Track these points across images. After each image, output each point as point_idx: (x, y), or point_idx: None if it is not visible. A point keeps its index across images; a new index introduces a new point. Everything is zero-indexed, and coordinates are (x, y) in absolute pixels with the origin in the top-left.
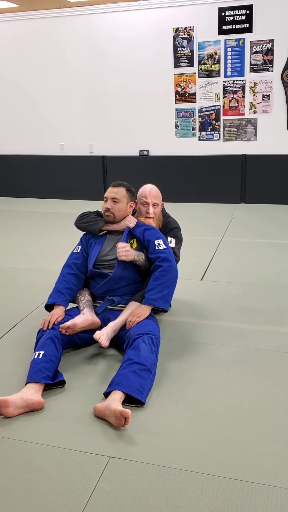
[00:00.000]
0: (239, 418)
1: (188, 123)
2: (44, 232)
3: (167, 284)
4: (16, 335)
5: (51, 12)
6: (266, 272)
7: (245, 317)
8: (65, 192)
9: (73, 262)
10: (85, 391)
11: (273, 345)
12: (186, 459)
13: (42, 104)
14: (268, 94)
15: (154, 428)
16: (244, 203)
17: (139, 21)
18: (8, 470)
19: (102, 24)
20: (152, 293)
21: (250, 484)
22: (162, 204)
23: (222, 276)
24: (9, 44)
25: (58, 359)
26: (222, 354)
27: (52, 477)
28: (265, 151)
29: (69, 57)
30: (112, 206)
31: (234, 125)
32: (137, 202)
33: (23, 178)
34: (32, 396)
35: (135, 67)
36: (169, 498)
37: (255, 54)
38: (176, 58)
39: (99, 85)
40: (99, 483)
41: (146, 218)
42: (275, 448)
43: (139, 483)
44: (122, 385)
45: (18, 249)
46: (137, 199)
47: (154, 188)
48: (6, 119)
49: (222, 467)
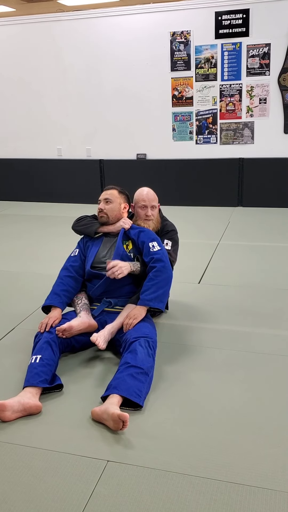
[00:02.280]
0: (237, 422)
1: (185, 127)
2: (41, 235)
3: (161, 284)
4: (14, 339)
5: (48, 16)
6: (264, 275)
7: (243, 320)
8: (62, 196)
9: (70, 264)
10: (82, 394)
11: (270, 348)
12: (184, 462)
13: (39, 107)
14: (265, 97)
15: (152, 432)
16: (241, 207)
17: (136, 25)
18: (6, 475)
19: (99, 28)
20: (147, 293)
21: (248, 488)
22: (159, 206)
23: (219, 280)
24: (6, 48)
25: (55, 362)
26: (220, 357)
27: (50, 482)
28: (262, 154)
29: (66, 61)
30: (105, 206)
31: (231, 128)
32: (134, 205)
33: (20, 182)
34: (30, 400)
35: (132, 71)
36: (167, 502)
37: (252, 58)
38: (173, 62)
39: (97, 89)
40: (97, 487)
41: (145, 221)
42: (274, 451)
43: (137, 487)
44: (119, 388)
45: (15, 252)
46: (134, 203)
47: (151, 191)
48: (3, 123)
49: (220, 471)
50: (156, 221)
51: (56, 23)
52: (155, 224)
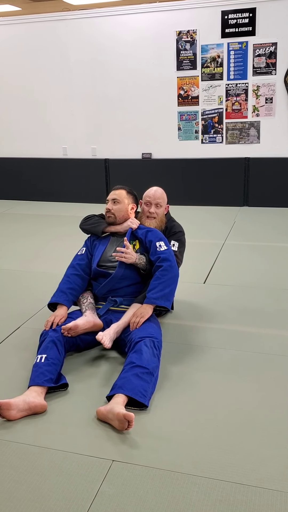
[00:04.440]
0: (242, 422)
1: (191, 126)
2: (47, 235)
3: (168, 283)
4: (19, 338)
5: (53, 16)
6: (269, 276)
7: (248, 321)
8: (67, 195)
9: (77, 263)
10: (87, 394)
11: (276, 348)
12: (189, 463)
13: (44, 107)
14: (271, 97)
15: (157, 432)
16: (247, 206)
17: (142, 24)
18: (11, 473)
19: (105, 27)
20: (153, 292)
21: (253, 489)
22: (167, 207)
23: (224, 280)
24: (11, 47)
25: (60, 362)
26: (225, 357)
27: (55, 481)
28: (268, 154)
29: (72, 60)
30: (113, 206)
31: (237, 128)
32: (142, 202)
33: (25, 181)
34: (35, 399)
35: (138, 70)
36: (172, 502)
37: (258, 57)
38: (179, 61)
39: (102, 88)
40: (102, 486)
41: (148, 218)
42: (279, 452)
43: (142, 487)
44: (125, 388)
45: (21, 251)
46: (142, 199)
47: (160, 191)
48: (9, 122)
49: (225, 471)
50: (160, 221)
51: (62, 22)
52: (158, 223)
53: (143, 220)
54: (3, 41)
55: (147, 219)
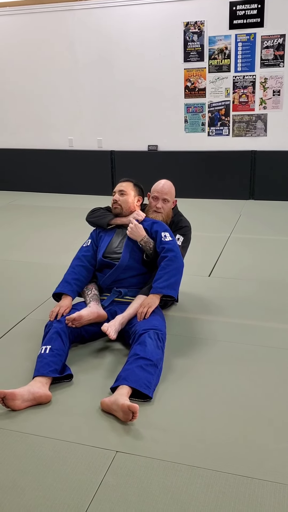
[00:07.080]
0: (247, 415)
1: (198, 118)
2: (52, 226)
3: (173, 273)
4: (24, 329)
5: (60, 6)
6: (274, 269)
7: (253, 314)
8: (73, 187)
9: (82, 254)
10: (92, 385)
11: (281, 342)
12: (193, 454)
13: (50, 98)
14: (279, 89)
15: (161, 423)
16: (253, 200)
17: (149, 15)
18: (15, 463)
19: (111, 18)
20: (159, 282)
21: (257, 481)
22: (175, 201)
23: (230, 273)
24: (17, 38)
25: (65, 353)
26: (229, 350)
27: (59, 471)
28: (275, 147)
29: (78, 51)
30: (119, 198)
31: (243, 120)
32: (150, 195)
33: (31, 172)
34: (39, 389)
35: (144, 61)
36: (175, 494)
37: (266, 49)
38: (186, 52)
39: (108, 79)
40: (106, 477)
41: (154, 212)
42: (283, 445)
43: (145, 478)
44: (129, 379)
45: (26, 243)
46: (150, 193)
47: (168, 184)
48: (14, 113)
49: (229, 464)
50: (166, 216)
51: (69, 12)
52: (164, 218)
53: (150, 214)
54: (8, 31)
55: (154, 213)
